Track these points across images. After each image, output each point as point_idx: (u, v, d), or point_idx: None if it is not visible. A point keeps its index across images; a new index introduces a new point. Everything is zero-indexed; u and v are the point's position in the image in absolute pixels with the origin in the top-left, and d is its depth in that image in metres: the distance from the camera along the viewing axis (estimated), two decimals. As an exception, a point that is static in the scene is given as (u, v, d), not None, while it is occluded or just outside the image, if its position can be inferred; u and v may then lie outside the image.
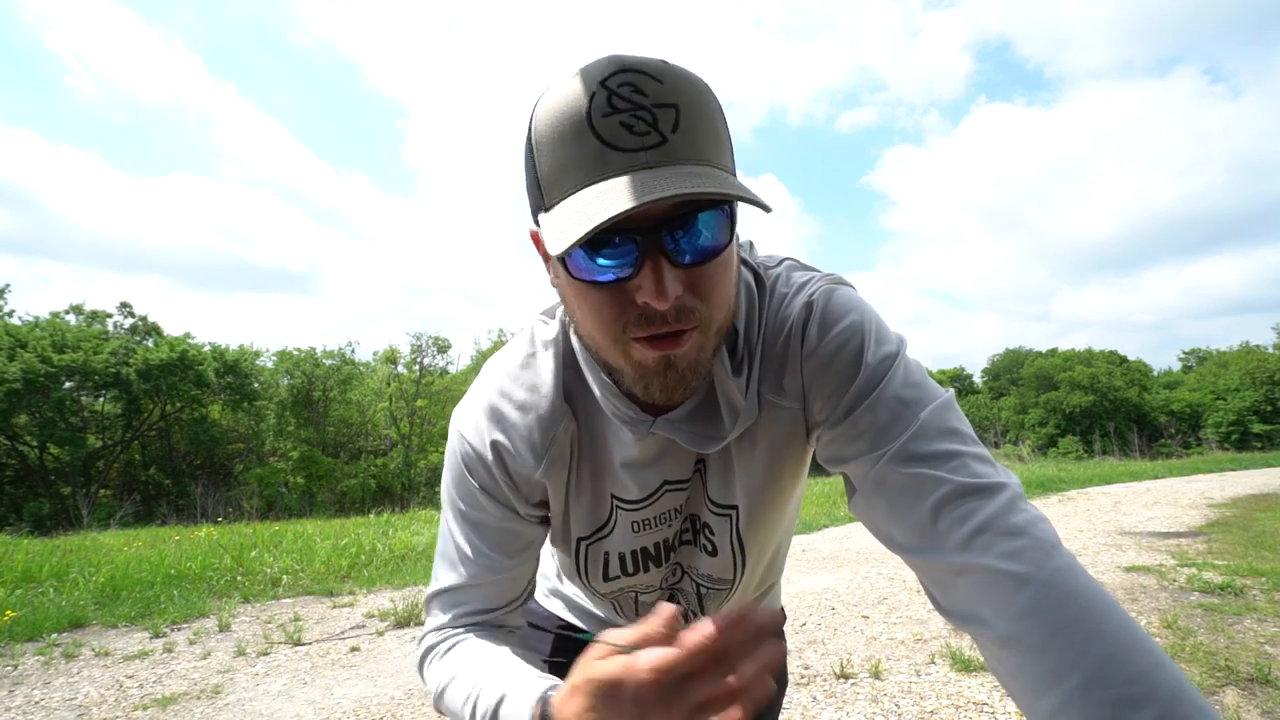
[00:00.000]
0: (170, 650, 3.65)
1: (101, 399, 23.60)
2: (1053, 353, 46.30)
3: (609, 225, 0.48)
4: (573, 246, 0.48)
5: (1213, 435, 34.30)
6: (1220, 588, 4.13)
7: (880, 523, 0.61)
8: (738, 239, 0.66)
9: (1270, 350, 38.81)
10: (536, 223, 0.57)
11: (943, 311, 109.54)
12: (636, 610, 0.87)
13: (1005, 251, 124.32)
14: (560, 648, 0.97)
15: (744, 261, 0.68)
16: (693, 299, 0.54)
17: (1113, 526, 7.24)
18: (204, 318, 62.80)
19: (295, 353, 27.81)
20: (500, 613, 0.73)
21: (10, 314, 22.99)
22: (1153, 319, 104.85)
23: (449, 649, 0.69)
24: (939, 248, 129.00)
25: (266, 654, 3.58)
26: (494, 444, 0.69)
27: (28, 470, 21.73)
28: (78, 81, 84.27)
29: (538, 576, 1.03)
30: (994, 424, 40.30)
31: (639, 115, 0.50)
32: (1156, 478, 14.90)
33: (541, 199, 0.54)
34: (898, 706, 2.61)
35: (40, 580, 5.00)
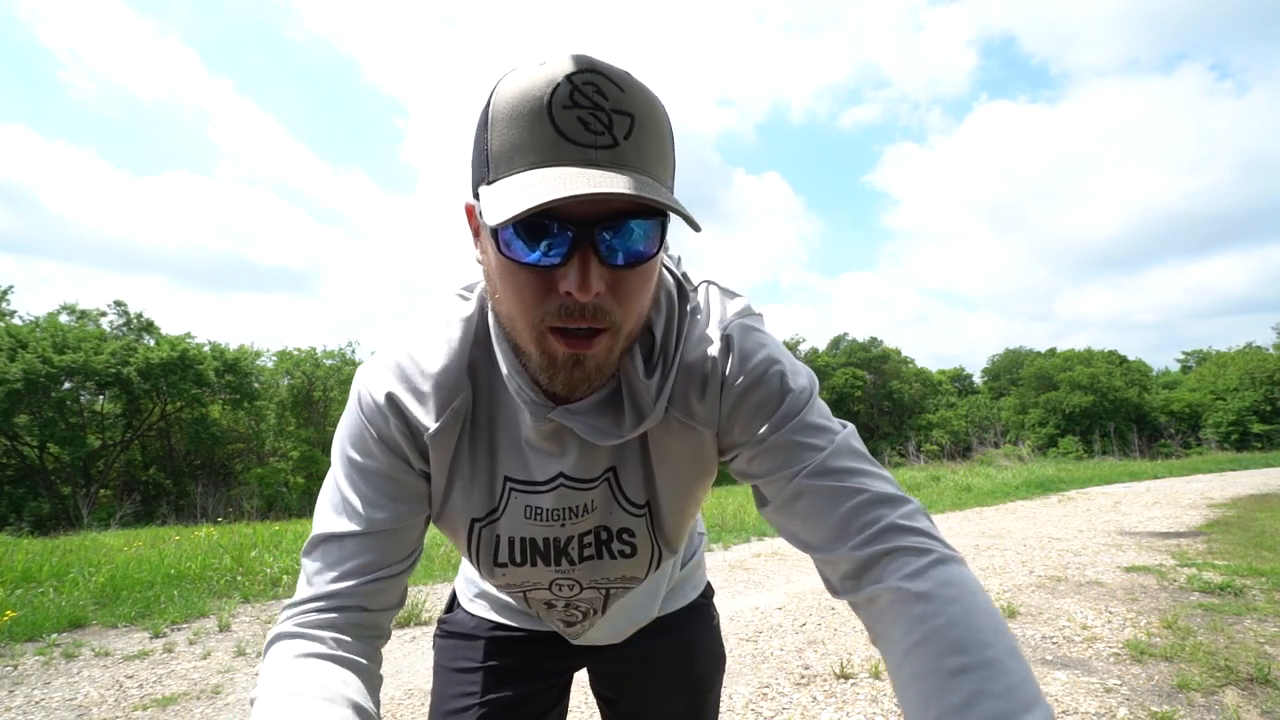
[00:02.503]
0: (170, 650, 3.65)
1: (102, 399, 23.61)
2: (1052, 353, 46.30)
3: (551, 207, 0.49)
4: (513, 219, 0.49)
5: (1212, 435, 34.28)
6: (1220, 588, 4.13)
7: (794, 528, 0.67)
8: (665, 251, 0.71)
9: (1270, 350, 38.81)
10: (476, 196, 0.58)
11: (944, 311, 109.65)
12: (528, 605, 0.88)
13: (1007, 251, 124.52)
14: (493, 650, 0.96)
15: (670, 271, 0.72)
16: (611, 300, 0.57)
17: (1113, 526, 7.24)
18: (204, 317, 62.98)
19: (295, 352, 27.83)
20: (383, 574, 0.68)
21: (12, 314, 22.99)
22: (1154, 319, 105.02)
23: (294, 657, 0.61)
24: (940, 247, 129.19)
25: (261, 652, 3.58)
26: (391, 396, 0.68)
27: (28, 470, 21.73)
28: (72, 77, 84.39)
29: (461, 581, 1.05)
30: (994, 424, 40.29)
31: (597, 115, 0.52)
32: (1156, 478, 14.91)
33: (487, 172, 0.56)
34: (897, 707, 2.61)
35: (40, 580, 5.00)
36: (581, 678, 1.08)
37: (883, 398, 41.42)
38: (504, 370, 0.68)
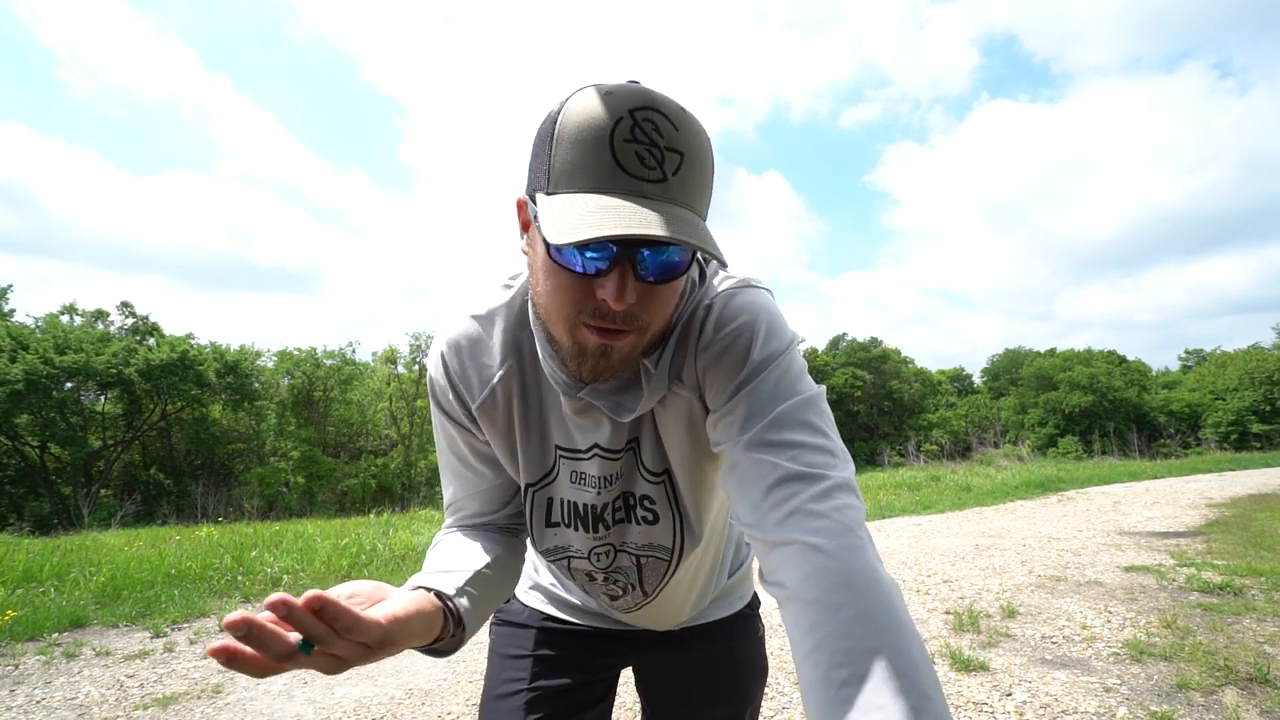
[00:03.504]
0: (171, 650, 3.65)
1: (103, 399, 23.62)
2: (1052, 353, 46.30)
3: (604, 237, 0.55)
4: (571, 245, 0.56)
5: (1212, 435, 34.28)
6: (1219, 587, 4.14)
7: (732, 500, 0.69)
8: (696, 267, 0.77)
9: (1270, 350, 38.80)
10: (532, 198, 0.64)
11: (945, 311, 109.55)
12: (572, 578, 0.94)
13: (1008, 250, 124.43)
14: (544, 640, 1.01)
15: (698, 263, 0.76)
16: (641, 310, 0.63)
17: (1112, 526, 7.24)
18: (204, 317, 62.91)
19: (296, 353, 27.83)
20: (493, 516, 0.87)
21: (11, 314, 22.99)
22: (1155, 319, 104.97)
23: (438, 541, 0.83)
24: (941, 246, 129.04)
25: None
26: (449, 368, 0.80)
27: (29, 470, 21.74)
28: (71, 76, 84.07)
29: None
30: (994, 424, 40.30)
31: (652, 151, 0.58)
32: (1156, 478, 14.91)
33: (547, 183, 0.61)
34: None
35: (41, 580, 5.00)
36: (628, 678, 1.12)
37: (882, 398, 41.42)
38: (540, 354, 0.75)
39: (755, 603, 1.12)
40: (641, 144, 0.58)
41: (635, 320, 0.63)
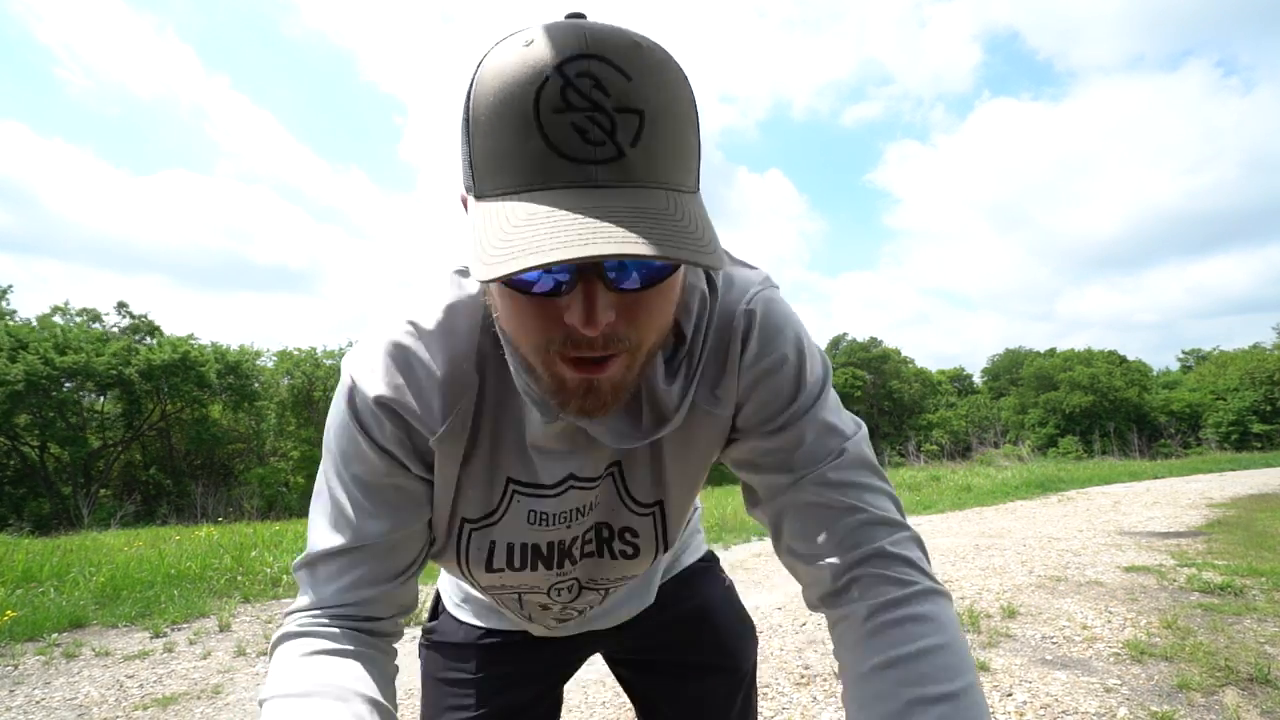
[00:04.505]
0: (170, 650, 3.65)
1: (103, 399, 23.62)
2: (1052, 353, 46.30)
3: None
4: (495, 280, 0.41)
5: (1212, 435, 34.28)
6: (1220, 588, 4.13)
7: (782, 533, 0.65)
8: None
9: (1270, 350, 38.79)
10: (464, 200, 0.52)
11: (945, 311, 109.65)
12: (521, 607, 0.83)
13: (1009, 250, 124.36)
14: (486, 660, 0.91)
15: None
16: (627, 326, 0.49)
17: (1112, 526, 7.24)
18: (205, 317, 63.01)
19: (296, 353, 27.82)
20: (387, 586, 0.63)
21: (13, 314, 22.99)
22: (1156, 319, 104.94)
23: (302, 656, 0.58)
24: (942, 246, 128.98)
25: (266, 654, 3.58)
26: (395, 391, 0.60)
27: (28, 470, 21.73)
28: (69, 74, 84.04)
29: (446, 585, 0.97)
30: (994, 424, 40.29)
31: (594, 118, 0.42)
32: (1156, 478, 14.90)
33: (473, 181, 0.48)
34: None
35: (41, 580, 5.00)
36: (586, 674, 1.06)
37: (882, 398, 41.41)
38: (511, 367, 0.59)
39: (711, 556, 1.03)
40: (580, 110, 0.42)
41: (620, 341, 0.49)
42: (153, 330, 25.44)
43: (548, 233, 0.41)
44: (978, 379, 53.32)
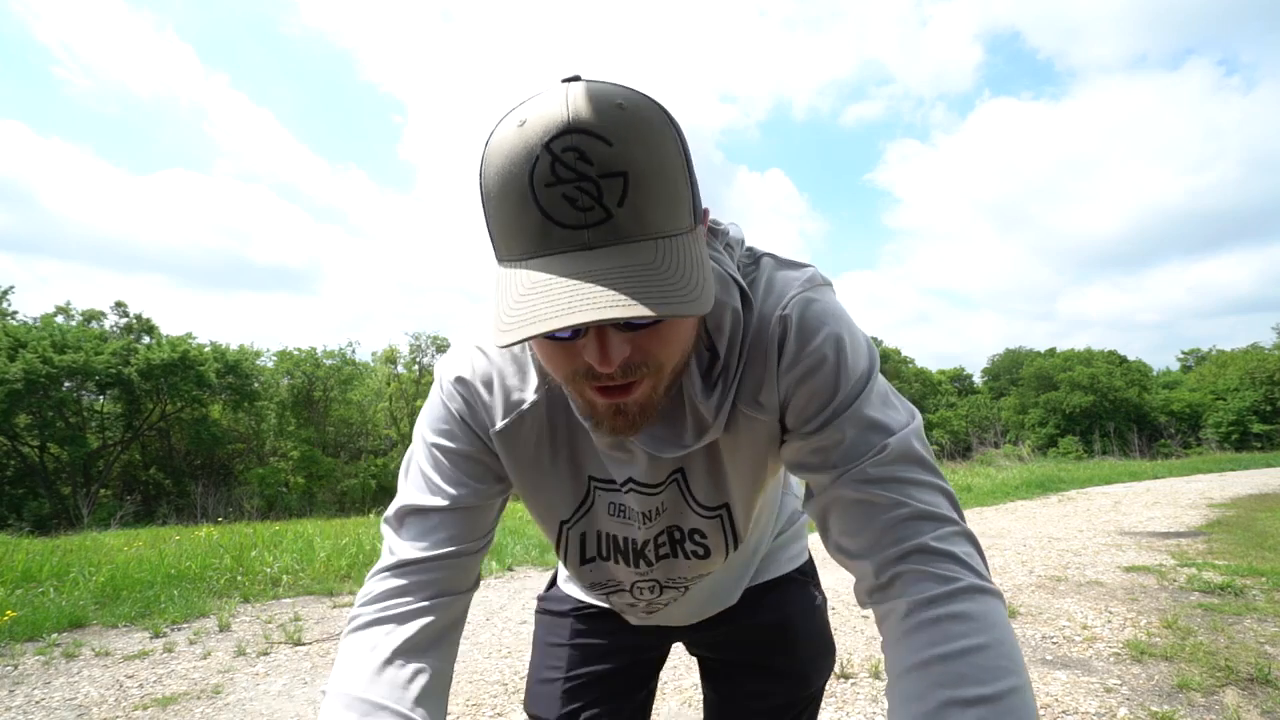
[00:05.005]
0: (170, 650, 3.65)
1: (102, 399, 23.62)
2: (1052, 353, 46.31)
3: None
4: (511, 345, 0.50)
5: (1212, 435, 34.28)
6: (1220, 588, 4.13)
7: (830, 531, 0.66)
8: (721, 246, 0.68)
9: (1270, 349, 38.78)
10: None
11: (946, 310, 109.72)
12: (611, 606, 0.91)
13: (1010, 250, 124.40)
14: (583, 629, 1.00)
15: (732, 278, 0.66)
16: (644, 356, 0.54)
17: (1113, 526, 7.24)
18: (205, 317, 62.90)
19: (295, 353, 27.84)
20: (464, 549, 0.71)
21: (14, 314, 22.99)
22: (1157, 318, 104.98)
23: (367, 654, 0.64)
24: (943, 246, 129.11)
25: (266, 654, 3.58)
26: (470, 377, 0.71)
27: (28, 470, 21.73)
28: (67, 73, 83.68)
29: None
30: (994, 424, 40.28)
31: (582, 187, 0.48)
32: (1156, 478, 14.91)
33: (494, 246, 0.55)
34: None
35: (40, 580, 5.00)
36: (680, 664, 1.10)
37: (883, 398, 41.29)
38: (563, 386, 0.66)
39: (809, 568, 1.04)
40: (568, 182, 0.47)
41: (639, 369, 0.55)
42: (149, 329, 25.42)
43: (545, 302, 0.47)
44: (978, 379, 53.34)
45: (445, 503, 0.70)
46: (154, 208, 69.68)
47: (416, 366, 29.66)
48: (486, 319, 0.56)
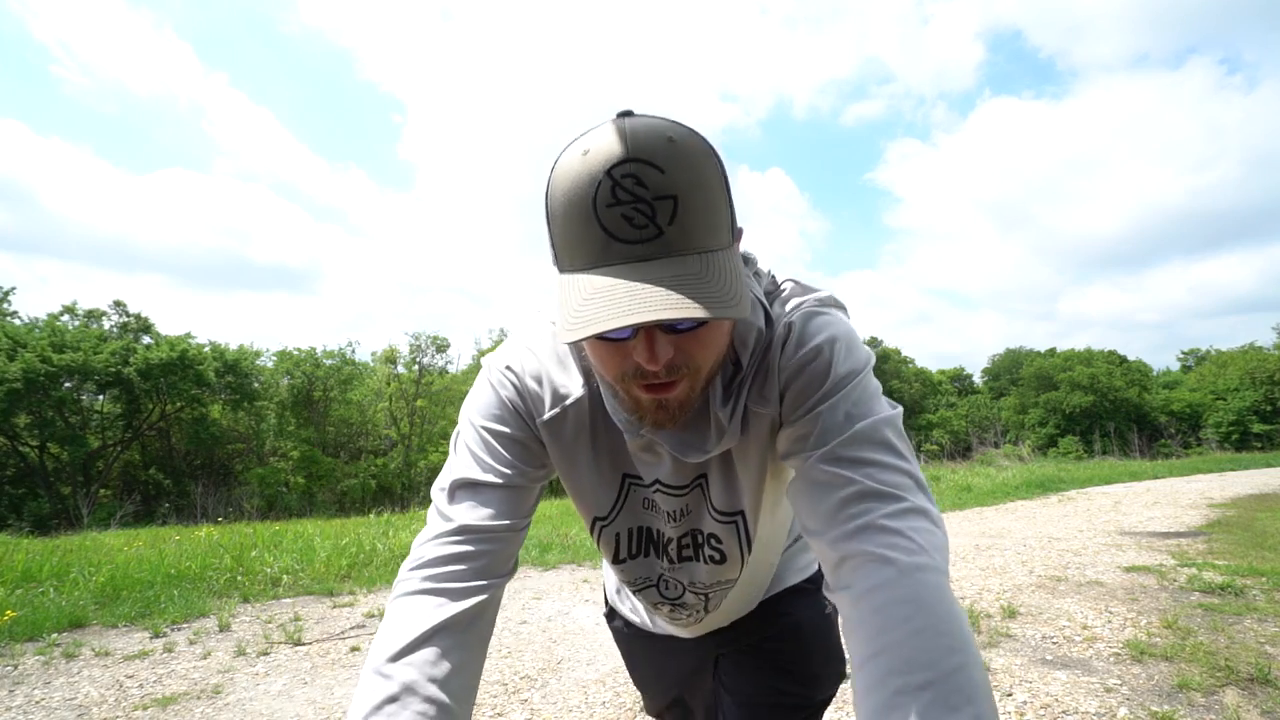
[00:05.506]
0: (170, 650, 3.65)
1: (102, 399, 23.61)
2: (1052, 353, 46.30)
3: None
4: (576, 342, 0.59)
5: (1213, 435, 34.27)
6: (1220, 588, 4.13)
7: (799, 509, 0.69)
8: (753, 274, 0.76)
9: (1270, 350, 38.78)
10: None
11: (946, 310, 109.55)
12: (640, 602, 0.97)
13: (1010, 249, 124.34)
14: (631, 650, 1.16)
15: (758, 300, 0.74)
16: (685, 358, 0.62)
17: (1113, 526, 7.24)
18: (204, 317, 62.80)
19: (295, 353, 27.81)
20: (510, 525, 0.73)
21: (14, 314, 22.97)
22: (1157, 318, 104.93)
23: (409, 624, 0.65)
24: (943, 245, 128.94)
25: (266, 654, 3.58)
26: (518, 367, 0.78)
27: (28, 470, 21.72)
28: (66, 72, 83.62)
29: (610, 580, 1.19)
30: (994, 424, 40.28)
31: (639, 208, 0.55)
32: (1156, 478, 14.91)
33: (556, 259, 0.62)
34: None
35: (40, 580, 5.00)
36: None
37: (883, 398, 41.33)
38: (602, 392, 0.75)
39: (818, 578, 1.05)
40: (626, 204, 0.55)
41: (681, 369, 0.62)
42: (147, 328, 25.39)
43: (606, 304, 0.54)
44: (978, 379, 53.34)
45: (498, 480, 0.74)
46: (153, 207, 69.74)
47: (416, 366, 29.64)
48: (547, 321, 0.66)
